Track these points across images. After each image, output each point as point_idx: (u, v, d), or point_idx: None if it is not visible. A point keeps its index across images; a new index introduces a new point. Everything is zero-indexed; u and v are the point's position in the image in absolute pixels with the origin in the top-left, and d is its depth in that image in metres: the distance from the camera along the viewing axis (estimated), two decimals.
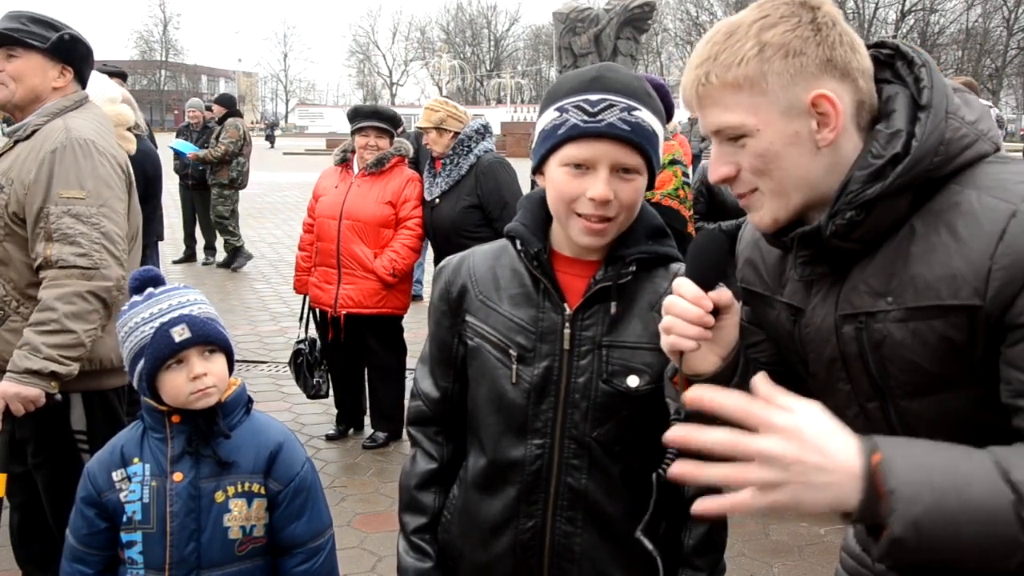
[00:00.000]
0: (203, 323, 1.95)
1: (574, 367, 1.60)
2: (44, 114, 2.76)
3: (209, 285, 10.11)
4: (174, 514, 1.94)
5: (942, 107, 1.27)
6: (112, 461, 2.00)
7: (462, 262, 1.74)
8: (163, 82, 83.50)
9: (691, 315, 1.34)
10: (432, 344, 1.78)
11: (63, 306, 2.56)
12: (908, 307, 1.27)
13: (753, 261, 1.56)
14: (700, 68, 1.32)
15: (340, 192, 5.02)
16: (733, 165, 1.35)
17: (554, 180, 1.56)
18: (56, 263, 2.59)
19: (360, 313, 4.97)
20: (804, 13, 1.29)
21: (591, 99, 1.51)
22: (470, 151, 4.85)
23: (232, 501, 1.98)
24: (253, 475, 2.01)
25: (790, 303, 1.46)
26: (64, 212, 2.61)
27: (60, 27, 2.81)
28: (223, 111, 10.97)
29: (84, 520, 1.99)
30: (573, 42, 32.16)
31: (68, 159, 2.65)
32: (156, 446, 1.98)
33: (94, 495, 1.98)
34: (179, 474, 1.95)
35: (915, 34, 62.20)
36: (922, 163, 1.25)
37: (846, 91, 1.29)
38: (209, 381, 1.94)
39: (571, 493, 1.61)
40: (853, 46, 1.30)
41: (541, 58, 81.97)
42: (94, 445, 2.79)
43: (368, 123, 4.98)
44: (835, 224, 1.30)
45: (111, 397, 2.87)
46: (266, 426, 2.09)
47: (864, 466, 1.07)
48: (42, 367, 2.53)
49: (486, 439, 1.67)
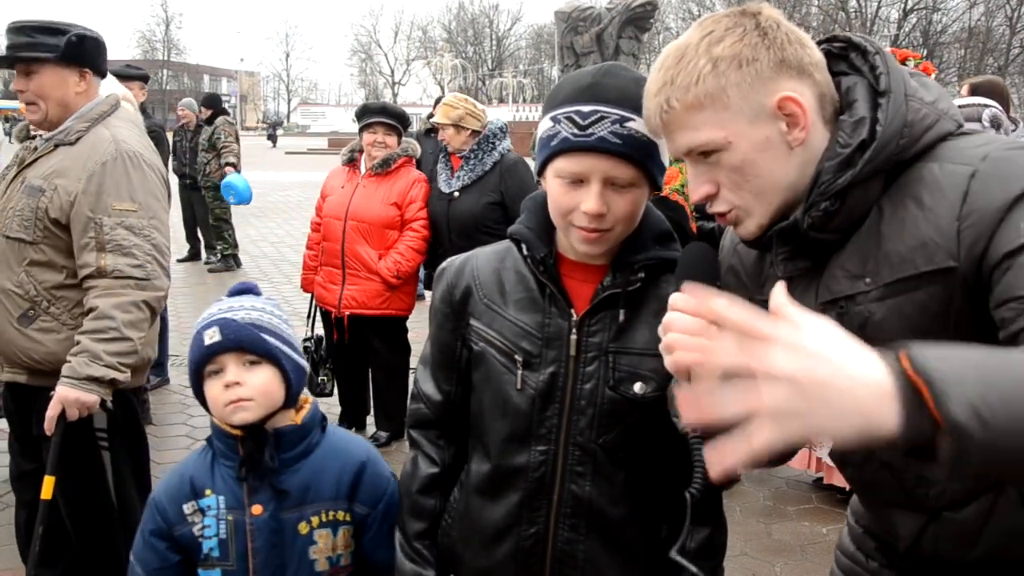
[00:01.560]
0: (239, 328, 1.77)
1: (580, 373, 1.58)
2: (85, 119, 2.79)
3: (211, 284, 10.13)
4: (256, 550, 1.78)
5: (901, 91, 1.29)
6: (182, 492, 1.83)
7: (465, 264, 1.71)
8: (165, 82, 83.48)
9: (691, 326, 1.30)
10: (434, 347, 1.76)
11: (121, 315, 2.64)
12: (886, 283, 1.28)
13: (734, 267, 1.57)
14: (659, 96, 1.32)
15: (346, 192, 5.02)
16: (712, 183, 1.35)
17: (551, 190, 1.55)
18: (111, 273, 2.66)
19: (364, 314, 4.97)
20: (747, 21, 1.30)
21: (583, 111, 1.48)
22: (494, 148, 4.89)
23: (317, 532, 1.82)
24: (336, 501, 1.84)
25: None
26: (118, 224, 2.68)
27: (66, 30, 2.81)
28: (208, 112, 10.93)
29: (155, 553, 1.83)
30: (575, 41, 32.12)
31: (119, 171, 2.71)
32: (229, 475, 1.81)
33: (164, 529, 1.82)
34: (258, 507, 1.79)
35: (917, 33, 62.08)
36: (888, 146, 1.27)
37: (806, 87, 1.30)
38: (243, 391, 1.74)
39: (574, 500, 1.60)
40: (802, 42, 1.31)
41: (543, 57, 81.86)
42: (113, 443, 2.85)
43: (376, 119, 4.98)
44: (811, 216, 1.31)
45: (130, 396, 2.91)
46: (346, 446, 1.91)
47: (897, 371, 0.88)
48: (103, 374, 2.60)
49: (490, 444, 1.66)
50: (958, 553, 1.38)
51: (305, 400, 1.88)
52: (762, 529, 4.25)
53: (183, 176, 11.27)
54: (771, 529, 4.26)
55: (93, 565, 2.93)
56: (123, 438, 2.89)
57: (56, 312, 2.73)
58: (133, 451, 2.96)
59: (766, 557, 3.97)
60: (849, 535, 1.69)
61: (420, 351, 1.86)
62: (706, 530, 1.66)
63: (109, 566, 2.89)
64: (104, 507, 2.87)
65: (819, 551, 4.02)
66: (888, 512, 1.49)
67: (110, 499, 2.87)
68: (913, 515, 1.43)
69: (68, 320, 2.72)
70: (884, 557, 1.58)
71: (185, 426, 5.60)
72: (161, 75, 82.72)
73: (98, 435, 2.81)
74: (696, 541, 1.65)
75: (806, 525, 4.30)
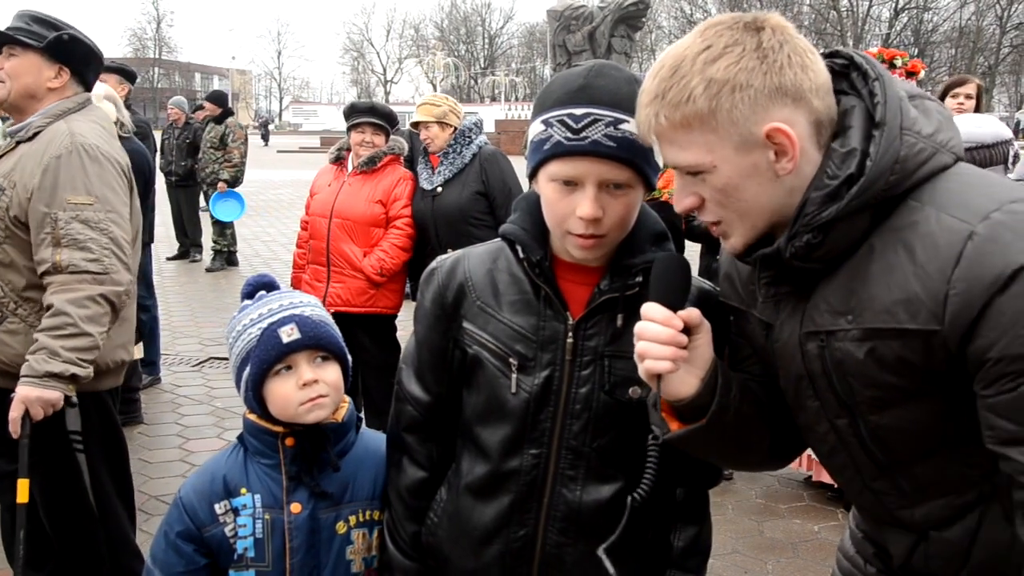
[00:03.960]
0: (315, 325, 1.75)
1: (576, 377, 1.56)
2: (47, 115, 2.76)
3: (202, 282, 10.11)
4: (294, 550, 1.74)
5: (896, 123, 1.25)
6: (214, 492, 1.78)
7: (456, 264, 1.68)
8: (157, 80, 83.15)
9: (664, 337, 1.34)
10: (421, 348, 1.72)
11: (78, 310, 2.58)
12: (866, 327, 1.26)
13: (730, 275, 1.56)
14: (650, 107, 1.30)
15: (332, 190, 5.02)
16: (696, 197, 1.34)
17: (545, 195, 1.53)
18: (67, 268, 2.60)
19: (349, 312, 4.97)
20: (748, 39, 1.25)
21: (575, 113, 1.45)
22: (471, 141, 4.95)
23: (354, 532, 1.80)
24: (373, 501, 1.82)
25: (761, 318, 1.45)
26: (73, 218, 2.62)
27: (62, 27, 2.81)
28: (218, 110, 10.81)
29: (181, 557, 1.77)
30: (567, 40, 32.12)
31: (74, 165, 2.66)
32: (267, 473, 1.78)
33: (194, 530, 1.77)
34: (297, 504, 1.75)
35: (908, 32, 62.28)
36: (877, 183, 1.23)
37: (800, 115, 1.26)
38: (322, 389, 1.73)
39: (564, 504, 1.59)
40: (804, 65, 1.26)
41: (535, 56, 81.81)
42: (88, 445, 2.80)
43: (364, 119, 4.98)
44: (794, 246, 1.29)
45: (105, 397, 2.87)
46: (379, 445, 1.87)
47: None
48: (63, 370, 2.54)
49: (482, 447, 1.64)
50: (949, 570, 1.38)
51: (343, 399, 1.85)
52: (754, 527, 4.25)
53: (169, 174, 11.22)
54: (763, 527, 4.26)
55: (77, 568, 2.90)
56: (99, 440, 2.84)
57: (23, 314, 2.69)
58: (111, 454, 2.91)
59: (758, 555, 3.97)
60: (850, 538, 1.68)
61: None
62: (694, 529, 1.66)
63: (92, 569, 2.87)
64: (83, 510, 2.83)
65: (811, 549, 4.03)
66: (880, 530, 1.49)
67: (88, 502, 2.83)
68: (903, 534, 1.43)
69: (35, 322, 2.66)
70: (882, 563, 1.57)
71: (177, 425, 5.58)
72: (152, 73, 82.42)
73: (72, 437, 2.77)
74: (683, 540, 1.65)
75: (798, 523, 4.31)
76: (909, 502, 1.38)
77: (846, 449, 1.41)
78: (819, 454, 1.50)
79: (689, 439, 1.41)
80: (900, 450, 1.34)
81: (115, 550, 2.91)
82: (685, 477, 1.65)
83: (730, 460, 1.54)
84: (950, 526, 1.35)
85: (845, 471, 1.45)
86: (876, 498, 1.43)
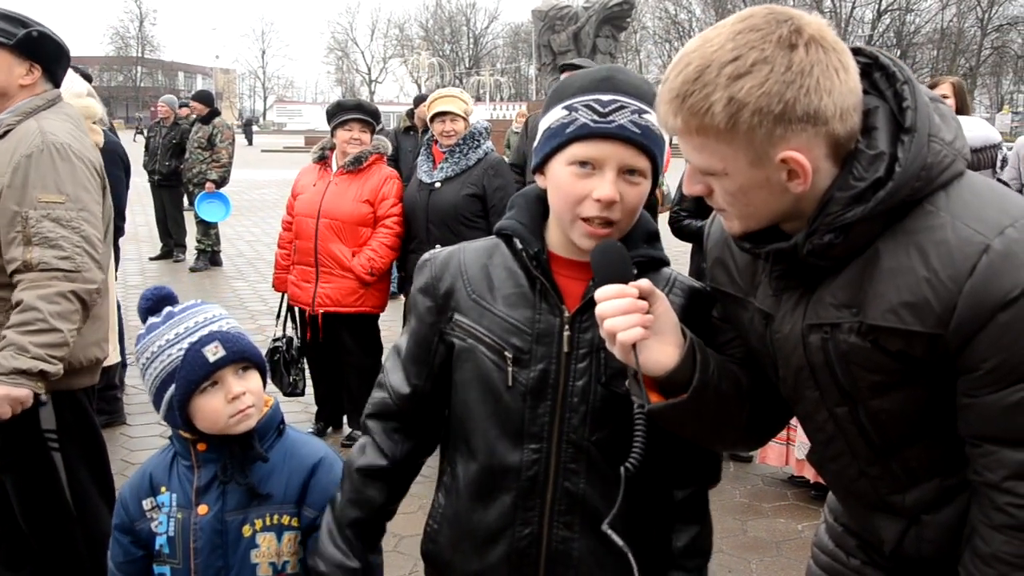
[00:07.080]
0: (236, 339, 1.78)
1: (573, 370, 1.56)
2: (17, 113, 2.73)
3: (187, 283, 10.04)
4: (198, 550, 1.78)
5: (925, 130, 1.26)
6: (142, 488, 1.85)
7: (450, 258, 1.67)
8: (139, 79, 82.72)
9: (624, 306, 1.37)
10: (410, 339, 1.71)
11: (48, 306, 2.54)
12: (871, 324, 1.29)
13: (723, 261, 1.56)
14: (669, 106, 1.29)
15: (318, 190, 5.00)
16: (705, 186, 1.36)
17: (559, 179, 1.52)
18: (37, 266, 2.57)
19: (338, 312, 4.96)
20: (779, 58, 1.21)
21: (602, 99, 1.48)
22: (479, 145, 5.04)
23: (260, 535, 1.81)
24: (283, 505, 1.83)
25: (762, 308, 1.47)
26: (44, 216, 2.59)
27: (30, 24, 2.77)
28: (204, 109, 10.73)
29: (120, 547, 1.86)
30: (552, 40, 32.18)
31: (45, 163, 2.63)
32: (184, 475, 1.83)
33: (127, 523, 1.85)
34: (204, 507, 1.79)
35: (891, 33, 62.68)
36: (904, 188, 1.25)
37: (820, 139, 1.25)
38: (249, 400, 1.77)
39: (568, 498, 1.58)
40: (830, 89, 1.22)
41: (520, 56, 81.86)
42: (64, 444, 2.77)
43: (352, 116, 4.97)
44: (812, 243, 1.30)
45: (80, 396, 2.84)
46: (299, 447, 1.89)
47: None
48: (31, 366, 2.50)
49: (478, 444, 1.62)
50: (940, 553, 1.40)
51: (267, 400, 1.86)
52: (738, 526, 4.27)
53: (153, 172, 11.14)
54: (747, 526, 4.28)
55: (56, 568, 2.87)
56: (75, 439, 2.81)
57: None
58: (89, 453, 2.88)
59: (742, 554, 4.00)
60: (828, 532, 1.69)
61: None
62: (695, 528, 1.66)
63: (71, 569, 2.84)
64: (60, 510, 2.80)
65: (794, 547, 4.05)
66: (870, 516, 1.50)
67: (65, 501, 2.80)
68: (894, 519, 1.45)
69: (4, 321, 2.60)
70: (865, 555, 1.59)
71: (159, 425, 5.53)
72: (135, 72, 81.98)
73: (47, 436, 2.73)
74: (684, 539, 1.65)
75: (782, 522, 4.33)
76: (901, 486, 1.41)
77: (843, 436, 1.43)
78: (815, 443, 1.52)
79: (671, 412, 1.43)
80: (896, 433, 1.37)
81: (96, 550, 2.88)
82: (685, 477, 1.66)
83: (706, 437, 1.55)
84: (940, 509, 1.39)
85: (841, 458, 1.47)
86: (870, 484, 1.45)
